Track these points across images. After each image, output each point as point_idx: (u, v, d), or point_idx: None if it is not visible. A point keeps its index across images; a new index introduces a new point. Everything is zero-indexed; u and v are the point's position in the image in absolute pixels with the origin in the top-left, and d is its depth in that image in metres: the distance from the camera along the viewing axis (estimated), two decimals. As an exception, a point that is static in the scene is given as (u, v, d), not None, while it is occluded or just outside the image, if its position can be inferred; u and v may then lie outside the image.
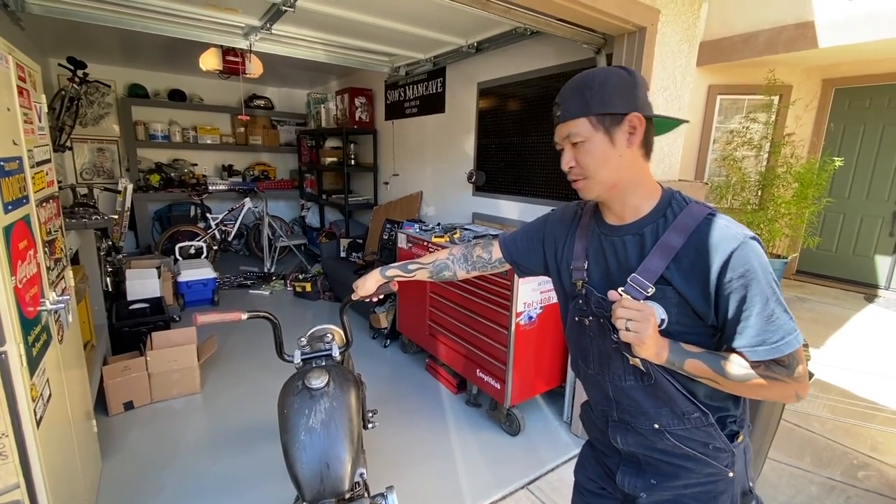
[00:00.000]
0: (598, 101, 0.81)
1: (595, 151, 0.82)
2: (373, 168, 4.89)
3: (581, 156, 0.84)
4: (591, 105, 0.81)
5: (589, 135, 0.82)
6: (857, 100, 4.85)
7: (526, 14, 1.79)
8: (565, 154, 0.86)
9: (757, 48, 4.59)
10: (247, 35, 2.80)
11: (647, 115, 0.83)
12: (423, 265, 1.21)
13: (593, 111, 0.81)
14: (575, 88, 0.84)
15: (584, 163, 0.84)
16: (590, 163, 0.83)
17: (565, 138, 0.85)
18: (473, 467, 2.15)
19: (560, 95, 0.86)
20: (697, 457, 0.88)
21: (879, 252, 4.80)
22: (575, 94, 0.83)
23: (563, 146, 0.87)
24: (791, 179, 4.60)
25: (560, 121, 0.85)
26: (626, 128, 0.82)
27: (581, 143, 0.83)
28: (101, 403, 2.41)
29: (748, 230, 0.78)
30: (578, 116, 0.82)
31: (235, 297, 4.44)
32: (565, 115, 0.84)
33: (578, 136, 0.83)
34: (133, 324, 2.96)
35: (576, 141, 0.83)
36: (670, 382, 0.84)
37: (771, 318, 0.76)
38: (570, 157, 0.86)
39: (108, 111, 5.16)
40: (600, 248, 0.92)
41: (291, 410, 1.15)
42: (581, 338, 0.95)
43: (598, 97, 0.81)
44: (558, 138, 0.87)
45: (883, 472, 2.15)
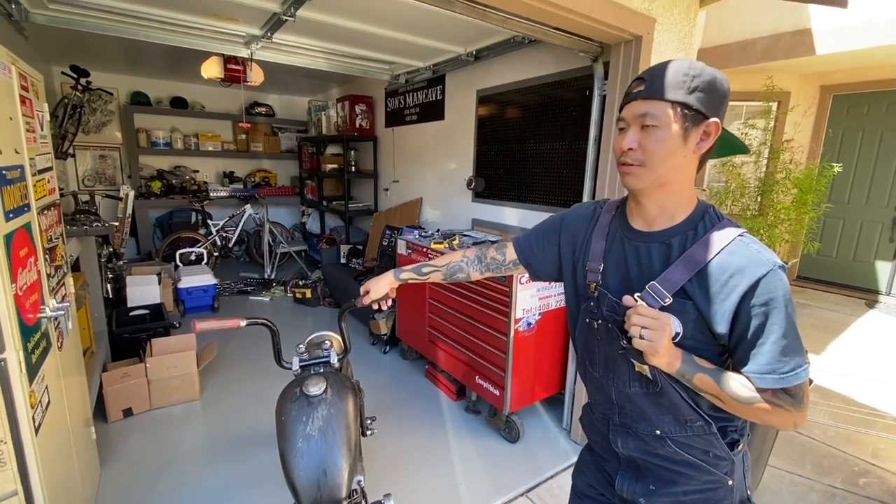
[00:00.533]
0: (690, 93, 0.76)
1: (666, 142, 0.78)
2: (373, 174, 4.91)
3: (649, 141, 0.78)
4: (680, 91, 0.76)
5: (667, 122, 0.77)
6: (855, 106, 4.87)
7: (523, 24, 1.81)
8: (629, 134, 0.80)
9: (755, 55, 4.63)
10: (248, 44, 2.83)
11: (725, 132, 0.81)
12: (437, 267, 1.21)
13: (680, 99, 0.76)
14: (671, 70, 0.78)
15: (649, 149, 0.78)
16: (656, 151, 0.78)
17: (639, 116, 0.79)
18: (472, 474, 2.15)
19: (647, 72, 0.81)
20: (697, 464, 0.87)
21: (880, 257, 4.80)
22: (668, 75, 0.77)
23: (630, 125, 0.81)
24: (790, 185, 4.61)
25: (640, 97, 0.79)
26: (702, 132, 0.79)
27: (653, 128, 0.78)
28: (100, 410, 2.41)
29: (777, 258, 0.76)
30: (663, 100, 0.77)
31: (236, 303, 4.44)
32: (651, 93, 0.78)
33: (655, 120, 0.77)
34: (133, 330, 2.96)
35: (650, 123, 0.78)
36: (676, 391, 0.83)
37: (785, 350, 0.75)
38: (634, 138, 0.80)
39: (110, 118, 5.20)
40: (622, 251, 0.89)
41: (289, 417, 1.15)
42: (589, 340, 0.94)
43: (691, 89, 0.76)
44: (629, 115, 0.81)
45: (884, 480, 2.14)
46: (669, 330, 0.76)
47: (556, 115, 2.68)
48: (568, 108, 2.60)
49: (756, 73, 4.78)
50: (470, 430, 2.48)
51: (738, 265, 0.76)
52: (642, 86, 0.79)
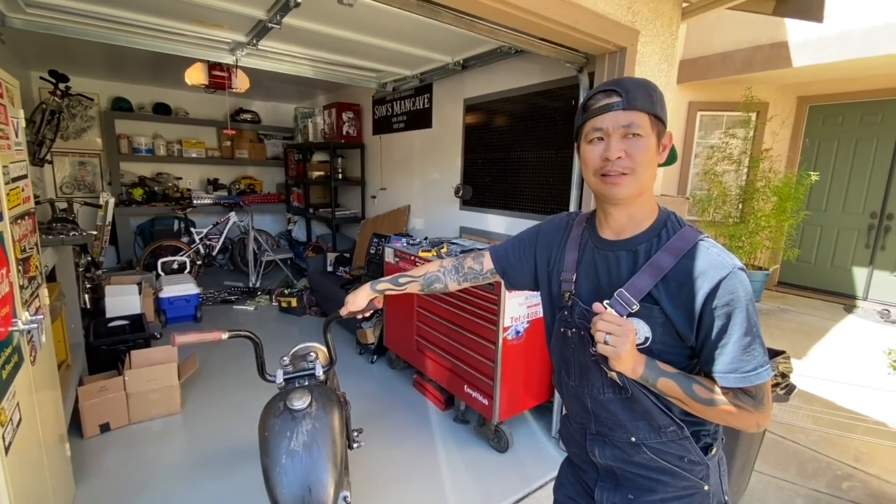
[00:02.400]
0: (660, 105, 0.84)
1: (649, 149, 0.83)
2: (360, 182, 4.89)
3: (635, 150, 0.82)
4: (655, 105, 0.83)
5: (648, 132, 0.82)
6: (831, 116, 5.02)
7: (510, 34, 1.82)
8: (614, 143, 0.82)
9: (734, 66, 4.75)
10: (233, 50, 2.81)
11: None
12: (414, 278, 1.20)
13: (656, 112, 0.83)
14: (640, 85, 0.84)
15: (636, 157, 0.82)
16: (642, 158, 0.82)
17: (623, 126, 0.81)
18: (461, 486, 2.12)
19: (617, 85, 0.84)
20: (673, 470, 0.89)
21: (856, 264, 4.93)
22: (640, 89, 0.83)
23: (611, 134, 0.83)
24: (770, 193, 4.73)
25: (621, 107, 0.81)
26: (662, 142, 0.86)
27: (639, 137, 0.82)
28: (75, 425, 2.33)
29: (737, 260, 0.79)
30: (645, 110, 0.82)
31: (219, 312, 4.35)
32: (632, 104, 0.81)
33: (641, 129, 0.81)
34: (111, 342, 2.87)
35: (636, 132, 0.81)
36: (647, 397, 0.85)
37: (747, 349, 0.78)
38: (620, 146, 0.82)
39: (90, 124, 5.09)
40: (592, 261, 0.92)
41: (272, 433, 1.12)
42: (563, 349, 0.96)
43: (659, 102, 0.84)
44: (609, 125, 0.82)
45: (867, 483, 2.17)
46: (633, 336, 0.79)
47: (542, 124, 2.70)
48: (554, 118, 2.62)
49: (736, 83, 4.90)
50: (458, 441, 2.45)
51: (700, 269, 0.79)
52: (616, 97, 0.82)
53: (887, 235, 4.70)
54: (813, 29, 4.17)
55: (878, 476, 2.22)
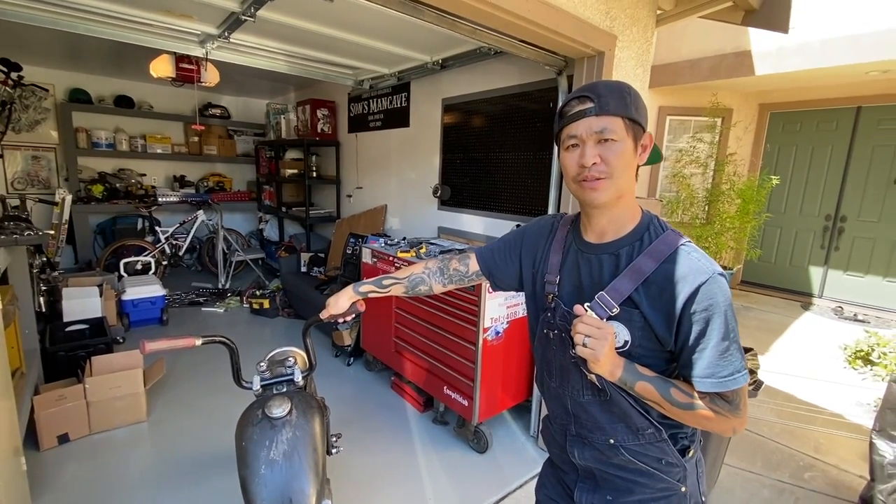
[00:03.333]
0: (634, 108, 0.83)
1: (624, 154, 0.82)
2: (335, 181, 4.80)
3: (610, 155, 0.82)
4: (629, 108, 0.82)
5: (623, 136, 0.82)
6: (790, 123, 5.27)
7: (492, 35, 1.82)
8: (589, 149, 0.82)
9: (701, 73, 4.92)
10: (203, 43, 2.70)
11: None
12: (398, 280, 1.18)
13: (631, 115, 0.82)
14: (613, 89, 0.83)
15: (612, 162, 0.82)
16: (618, 164, 0.82)
17: (596, 132, 0.82)
18: (441, 488, 2.11)
19: (589, 90, 0.83)
20: (651, 472, 0.90)
21: (812, 263, 5.20)
22: (614, 93, 0.82)
23: (586, 140, 0.83)
24: (734, 196, 4.92)
25: (594, 113, 0.81)
26: (641, 144, 0.85)
27: (613, 142, 0.82)
28: (31, 437, 2.19)
29: (717, 266, 0.80)
30: (618, 115, 0.81)
31: (187, 315, 4.19)
32: (604, 109, 0.81)
33: (614, 134, 0.81)
34: (70, 347, 2.71)
35: (609, 137, 0.81)
36: (626, 399, 0.86)
37: (724, 354, 0.79)
38: (595, 152, 0.82)
39: (45, 116, 4.80)
40: (575, 263, 0.93)
41: (250, 442, 1.08)
42: (546, 351, 0.97)
43: (634, 104, 0.83)
44: (582, 131, 0.83)
45: (826, 473, 2.29)
46: (612, 339, 0.79)
47: (520, 125, 2.72)
48: (533, 119, 2.64)
49: (703, 90, 5.08)
50: (438, 443, 2.44)
51: (681, 274, 0.80)
52: (589, 103, 0.82)
53: (841, 237, 4.98)
54: (775, 39, 4.36)
55: (836, 466, 2.34)
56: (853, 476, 2.26)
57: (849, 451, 2.46)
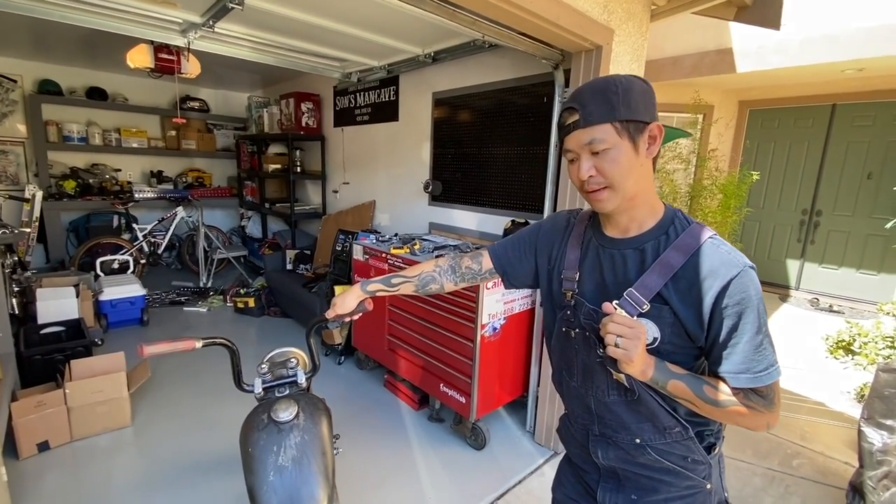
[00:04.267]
0: (625, 107, 0.77)
1: (621, 159, 0.79)
2: (321, 176, 4.71)
3: (605, 164, 0.79)
4: (617, 109, 0.77)
5: (615, 142, 0.78)
6: (768, 120, 5.41)
7: (491, 27, 1.79)
8: (583, 163, 0.81)
9: (684, 70, 4.99)
10: (185, 32, 2.58)
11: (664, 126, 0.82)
12: (408, 278, 1.15)
13: (620, 116, 0.77)
14: (597, 92, 0.79)
15: (608, 172, 0.79)
16: (615, 172, 0.79)
17: (585, 145, 0.80)
18: (440, 486, 2.09)
19: (575, 100, 0.81)
20: (677, 470, 0.89)
21: (790, 256, 5.36)
22: (597, 97, 0.78)
23: (579, 154, 0.81)
24: (716, 191, 5.02)
25: (578, 126, 0.79)
26: (647, 137, 0.80)
27: (605, 151, 0.78)
28: (9, 445, 2.08)
29: (747, 259, 0.79)
30: (604, 121, 0.77)
31: (169, 315, 4.05)
32: (588, 120, 0.78)
33: (603, 143, 0.78)
34: (46, 351, 2.59)
35: (599, 149, 0.78)
36: (654, 398, 0.84)
37: (758, 348, 0.78)
38: (589, 165, 0.80)
39: (12, 109, 4.55)
40: (597, 259, 0.90)
41: (257, 448, 1.03)
42: (566, 350, 0.94)
43: (624, 102, 0.77)
44: (574, 146, 0.81)
45: (813, 460, 2.36)
46: (644, 338, 0.77)
47: (514, 120, 2.70)
48: (526, 114, 2.63)
49: (685, 86, 5.16)
50: (434, 440, 2.42)
51: (711, 267, 0.78)
52: (576, 115, 0.80)
53: (816, 230, 5.14)
54: (755, 37, 4.46)
55: (822, 453, 2.42)
56: (839, 462, 2.33)
57: (834, 439, 2.54)
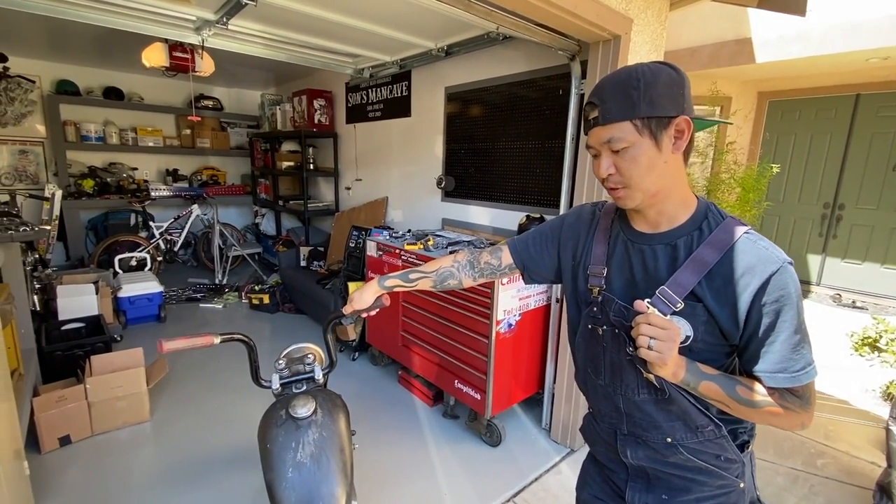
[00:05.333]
0: (646, 103, 0.73)
1: (640, 158, 0.75)
2: (333, 173, 4.71)
3: (624, 163, 0.76)
4: (637, 107, 0.73)
5: (634, 140, 0.74)
6: (789, 111, 5.27)
7: (507, 17, 1.76)
8: (603, 160, 0.79)
9: (701, 61, 4.88)
10: (199, 30, 2.59)
11: (694, 118, 0.77)
12: (426, 274, 1.13)
13: (640, 114, 0.73)
14: (617, 86, 0.75)
15: (626, 171, 0.77)
16: (634, 171, 0.76)
17: (605, 143, 0.77)
18: (455, 483, 2.08)
19: (596, 94, 0.78)
20: (710, 469, 0.86)
21: (811, 251, 5.23)
22: (617, 93, 0.75)
23: (600, 151, 0.79)
24: (734, 184, 4.91)
25: (597, 124, 0.77)
26: (673, 132, 0.76)
27: (624, 150, 0.75)
28: (32, 439, 2.12)
29: (785, 254, 0.75)
30: (622, 119, 0.74)
31: (185, 311, 4.10)
32: (606, 118, 0.75)
33: (622, 142, 0.75)
34: (67, 347, 2.64)
35: (618, 147, 0.76)
36: (685, 397, 0.82)
37: (796, 347, 0.75)
38: (609, 163, 0.78)
39: (31, 109, 4.63)
40: (626, 255, 0.87)
41: (276, 444, 1.03)
42: (592, 347, 0.91)
43: (646, 98, 0.73)
44: (594, 142, 0.79)
45: (838, 459, 2.29)
46: (678, 340, 0.74)
47: (529, 113, 2.66)
48: (540, 107, 2.59)
49: (702, 78, 5.05)
50: (450, 437, 2.41)
51: (748, 264, 0.74)
52: (595, 111, 0.77)
53: (839, 224, 5.00)
54: (776, 26, 4.34)
55: (847, 452, 2.35)
56: (865, 462, 2.27)
57: (859, 438, 2.47)
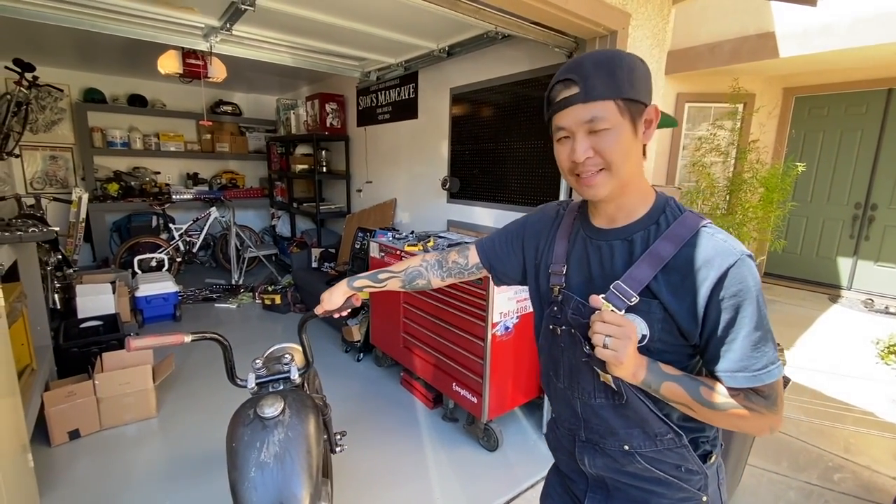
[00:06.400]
0: (629, 84, 0.71)
1: (622, 141, 0.72)
2: (345, 175, 4.77)
3: (604, 144, 0.72)
4: (623, 86, 0.71)
5: (617, 122, 0.71)
6: (816, 108, 5.03)
7: (496, 15, 1.73)
8: (580, 142, 0.73)
9: (722, 57, 4.72)
10: (207, 36, 2.67)
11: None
12: (395, 273, 1.12)
13: (624, 94, 0.71)
14: (601, 65, 0.71)
15: (608, 154, 0.72)
16: (616, 153, 0.72)
17: (586, 122, 0.72)
18: (449, 487, 2.05)
19: (574, 71, 0.72)
20: (669, 480, 0.82)
21: (841, 254, 4.97)
22: (601, 71, 0.71)
23: (575, 132, 0.73)
24: (757, 184, 4.71)
25: (578, 101, 0.71)
26: (644, 119, 0.75)
27: (605, 131, 0.71)
28: (42, 433, 2.21)
29: (744, 247, 0.72)
30: (607, 98, 0.70)
31: (200, 311, 4.22)
32: (590, 95, 0.70)
33: (605, 122, 0.71)
34: (83, 343, 2.74)
35: (601, 128, 0.71)
36: (644, 403, 0.78)
37: (757, 344, 0.71)
38: (586, 146, 0.73)
39: (61, 117, 4.87)
40: (584, 252, 0.84)
41: (241, 443, 1.03)
42: (552, 348, 0.88)
43: (629, 80, 0.71)
44: (570, 123, 0.73)
45: (857, 474, 2.16)
46: (635, 337, 0.70)
47: (531, 113, 2.62)
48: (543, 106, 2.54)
49: (723, 74, 4.88)
50: (447, 440, 2.38)
51: (705, 257, 0.71)
52: (575, 88, 0.71)
53: (871, 226, 4.74)
54: (800, 19, 4.15)
55: (868, 467, 2.21)
56: (886, 478, 2.12)
57: (882, 451, 2.32)
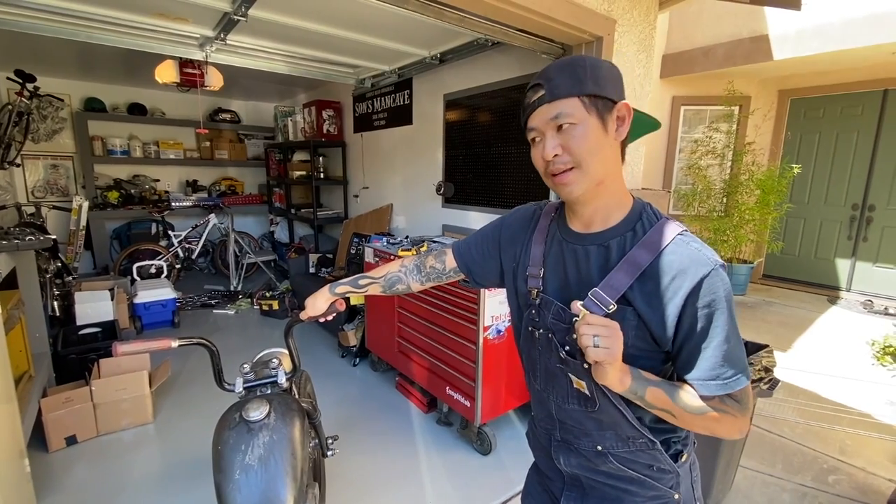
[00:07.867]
0: (592, 81, 0.73)
1: (590, 134, 0.73)
2: (342, 181, 4.80)
3: (572, 141, 0.74)
4: (585, 83, 0.73)
5: (582, 117, 0.73)
6: (812, 109, 5.04)
7: (482, 23, 1.76)
8: (548, 140, 0.75)
9: (716, 60, 4.74)
10: (202, 46, 2.71)
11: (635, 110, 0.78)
12: (374, 279, 1.13)
13: (587, 90, 0.73)
14: (564, 67, 0.75)
15: (575, 149, 0.74)
16: (584, 149, 0.74)
17: (552, 120, 0.74)
18: (443, 491, 2.06)
19: (542, 76, 0.76)
20: (641, 479, 0.83)
21: (839, 255, 4.96)
22: (565, 71, 0.74)
23: (545, 131, 0.76)
24: (753, 186, 4.73)
25: (544, 101, 0.74)
26: (616, 117, 0.76)
27: (572, 127, 0.73)
28: (40, 439, 2.23)
29: (717, 256, 0.73)
30: (570, 95, 0.73)
31: (199, 317, 4.24)
32: (554, 94, 0.73)
33: (570, 118, 0.73)
34: (81, 350, 2.77)
35: (566, 122, 0.73)
36: (617, 408, 0.78)
37: (727, 353, 0.72)
38: (554, 143, 0.75)
39: (62, 126, 4.93)
40: (560, 255, 0.85)
41: (226, 447, 1.05)
42: (531, 351, 0.90)
43: (592, 77, 0.73)
44: (539, 123, 0.76)
45: (852, 476, 2.15)
46: (621, 335, 0.71)
47: (522, 118, 2.65)
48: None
49: (718, 78, 4.90)
50: (441, 444, 2.39)
51: (680, 266, 0.72)
52: (541, 91, 0.75)
53: (869, 227, 4.74)
54: (793, 22, 4.18)
55: (863, 468, 2.20)
56: (882, 479, 2.12)
57: (877, 453, 2.32)
